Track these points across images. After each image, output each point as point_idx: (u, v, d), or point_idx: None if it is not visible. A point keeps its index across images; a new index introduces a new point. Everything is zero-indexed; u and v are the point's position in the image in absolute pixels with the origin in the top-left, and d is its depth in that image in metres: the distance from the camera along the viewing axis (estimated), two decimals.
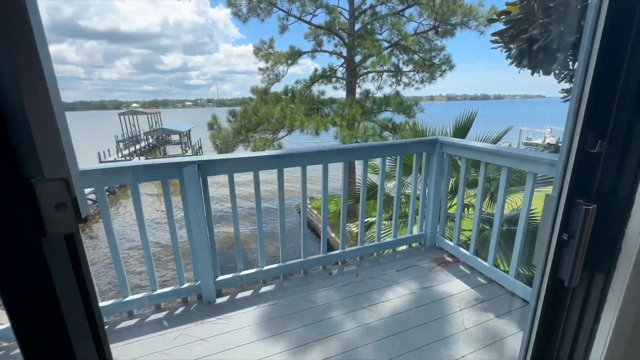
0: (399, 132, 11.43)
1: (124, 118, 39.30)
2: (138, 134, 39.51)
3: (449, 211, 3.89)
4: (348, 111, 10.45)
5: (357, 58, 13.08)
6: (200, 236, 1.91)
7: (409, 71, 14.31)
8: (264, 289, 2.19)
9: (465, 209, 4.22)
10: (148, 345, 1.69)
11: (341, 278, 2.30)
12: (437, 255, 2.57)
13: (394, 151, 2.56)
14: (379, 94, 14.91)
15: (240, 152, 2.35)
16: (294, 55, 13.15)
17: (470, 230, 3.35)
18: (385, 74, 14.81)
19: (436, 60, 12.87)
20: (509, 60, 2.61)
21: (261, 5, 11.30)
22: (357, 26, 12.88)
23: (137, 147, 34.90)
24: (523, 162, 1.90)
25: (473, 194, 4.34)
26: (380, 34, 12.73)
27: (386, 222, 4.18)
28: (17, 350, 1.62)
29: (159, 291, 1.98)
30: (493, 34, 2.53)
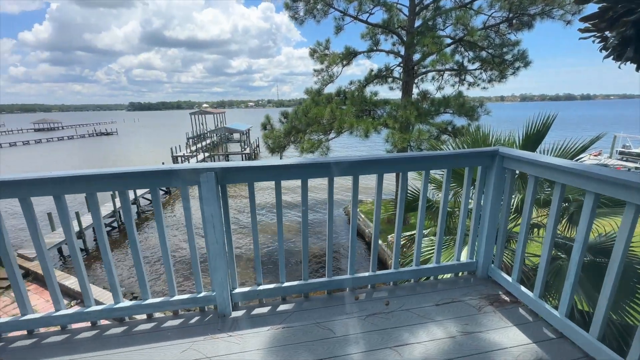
0: (459, 136, 10.45)
1: (195, 117, 43.51)
2: (205, 131, 43.32)
3: (509, 236, 3.29)
4: (402, 113, 9.86)
5: (416, 57, 12.33)
6: (216, 245, 1.82)
7: (475, 69, 13.02)
8: (282, 307, 2.02)
9: (532, 230, 3.53)
10: (157, 355, 1.65)
11: (368, 305, 2.02)
12: (490, 291, 2.12)
13: (439, 164, 2.18)
14: (438, 95, 13.90)
15: (261, 161, 2.32)
16: (349, 56, 12.92)
17: (536, 256, 2.75)
18: (446, 73, 13.73)
19: (508, 57, 11.45)
20: (605, 53, 2.01)
21: (317, 7, 11.31)
22: (418, 23, 12.12)
23: (203, 143, 38.25)
24: (620, 189, 1.40)
25: (545, 213, 3.62)
26: (443, 30, 11.78)
27: (431, 240, 3.71)
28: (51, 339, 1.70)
29: (176, 297, 1.95)
30: (583, 19, 1.97)
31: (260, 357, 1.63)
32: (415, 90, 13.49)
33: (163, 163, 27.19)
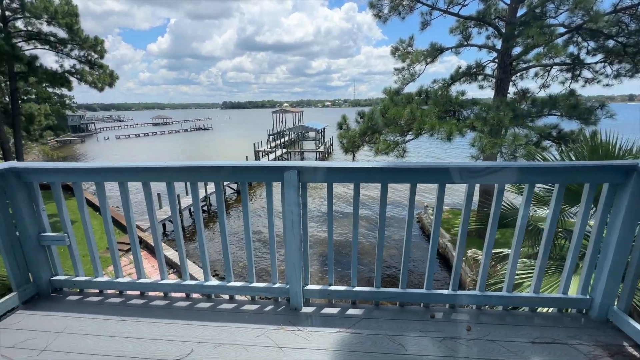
0: (570, 143, 8.80)
1: (276, 115, 46.82)
2: (284, 129, 46.21)
3: None
4: (493, 114, 8.77)
5: (516, 50, 10.81)
6: (292, 240, 1.89)
7: (596, 62, 10.77)
8: (351, 311, 1.99)
9: None
10: (235, 333, 1.80)
11: (445, 327, 1.83)
12: (610, 340, 1.69)
13: (548, 177, 1.82)
14: (541, 94, 11.96)
15: (342, 162, 2.29)
16: (434, 53, 12.09)
17: None
18: (554, 69, 11.70)
19: None
20: None
21: (404, 3, 10.85)
22: (521, 12, 10.60)
23: (282, 140, 40.86)
24: None
25: None
26: (555, 17, 10.04)
27: (524, 263, 3.19)
28: (155, 302, 2.02)
29: (254, 284, 2.10)
30: None
31: (327, 358, 1.63)
32: (511, 89, 11.86)
33: (247, 157, 30.02)
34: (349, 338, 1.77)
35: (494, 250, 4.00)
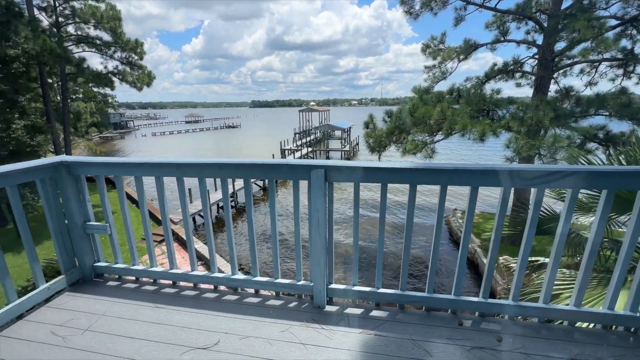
0: (619, 146, 8.09)
1: (302, 114, 47.22)
2: (310, 127, 46.50)
3: None
4: (532, 114, 8.24)
5: (559, 46, 10.10)
6: (317, 239, 1.89)
7: None
8: (375, 313, 1.96)
9: None
10: (260, 327, 1.84)
11: (474, 335, 1.76)
12: None
13: (595, 182, 1.68)
14: (587, 92, 11.08)
15: (369, 162, 2.24)
16: (467, 49, 11.59)
17: None
18: (603, 65, 10.79)
19: None
20: None
21: None
22: (566, 4, 9.87)
23: (307, 139, 41.14)
24: None
25: None
26: (606, 9, 9.25)
27: (562, 273, 2.97)
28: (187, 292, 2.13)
29: (279, 280, 2.13)
30: None
31: (350, 358, 1.62)
32: (552, 87, 11.10)
33: (273, 155, 30.55)
34: (372, 340, 1.75)
35: (530, 258, 3.78)
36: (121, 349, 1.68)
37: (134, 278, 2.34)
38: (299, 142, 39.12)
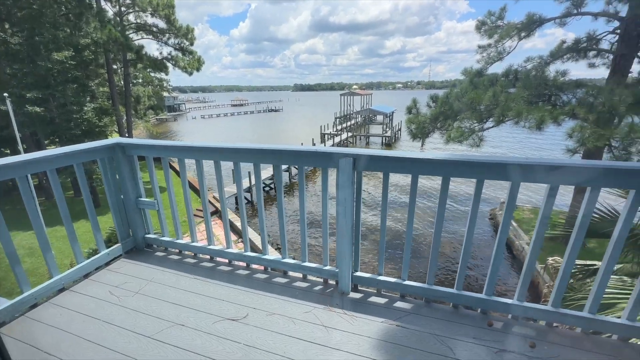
0: None
1: (344, 98, 46.45)
2: (351, 112, 45.72)
3: None
4: (605, 99, 7.19)
5: None
6: (345, 226, 1.91)
7: None
8: (399, 304, 1.95)
9: None
10: (286, 306, 1.94)
11: (503, 337, 1.67)
12: None
13: None
14: None
15: (399, 152, 2.15)
16: (530, 25, 10.32)
17: None
18: None
19: None
20: None
21: None
22: None
23: (348, 123, 40.59)
24: None
25: None
26: None
27: (622, 281, 2.65)
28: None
29: (306, 264, 2.21)
30: None
31: (369, 345, 1.65)
32: (635, 68, 9.52)
33: (313, 139, 30.72)
34: (394, 330, 1.75)
35: (585, 262, 3.42)
36: (164, 312, 1.89)
37: (177, 250, 2.58)
38: (339, 127, 38.76)
